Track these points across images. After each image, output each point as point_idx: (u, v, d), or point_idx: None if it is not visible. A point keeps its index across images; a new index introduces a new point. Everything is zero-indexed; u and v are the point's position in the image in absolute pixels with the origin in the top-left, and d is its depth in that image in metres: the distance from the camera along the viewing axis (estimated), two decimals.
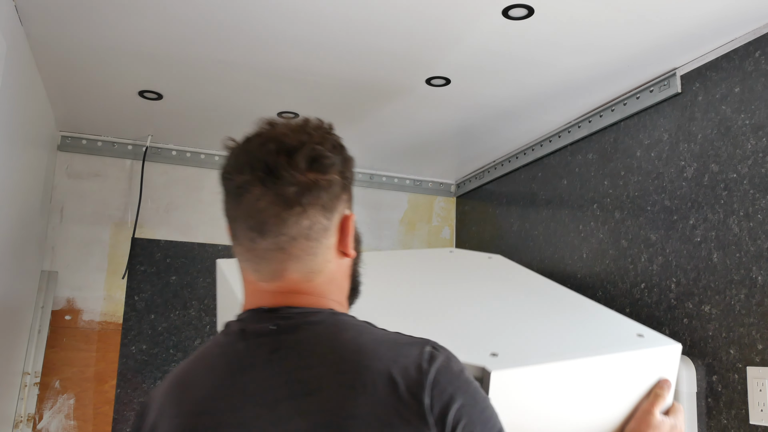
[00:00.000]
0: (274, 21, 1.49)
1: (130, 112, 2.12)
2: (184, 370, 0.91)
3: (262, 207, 0.84)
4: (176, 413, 0.86)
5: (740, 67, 1.50)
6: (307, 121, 0.92)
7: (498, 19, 1.45)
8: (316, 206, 0.86)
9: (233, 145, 0.91)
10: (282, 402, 0.80)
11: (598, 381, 1.17)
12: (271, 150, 0.85)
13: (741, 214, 1.45)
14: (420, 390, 0.78)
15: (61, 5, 1.46)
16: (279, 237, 0.85)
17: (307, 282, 0.88)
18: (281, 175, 0.84)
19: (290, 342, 0.84)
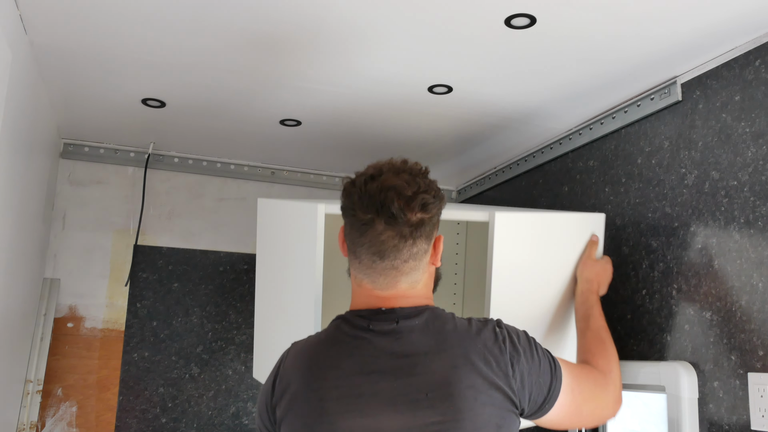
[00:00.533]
0: (275, 29, 1.50)
1: (133, 120, 2.13)
2: (316, 353, 1.20)
3: (384, 239, 1.16)
4: (312, 392, 1.15)
5: (740, 76, 1.51)
6: (411, 169, 1.21)
7: (500, 28, 1.46)
8: (422, 237, 1.18)
9: (352, 188, 1.21)
10: (403, 378, 1.13)
11: (555, 233, 1.68)
12: (391, 197, 1.15)
13: (741, 221, 1.46)
14: (500, 354, 1.16)
15: (65, 14, 1.48)
16: (395, 260, 1.17)
17: (412, 289, 1.21)
18: (400, 217, 1.15)
19: (407, 329, 1.17)
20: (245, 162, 2.54)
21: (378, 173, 1.19)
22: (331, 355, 1.18)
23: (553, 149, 2.15)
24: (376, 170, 1.20)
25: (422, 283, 1.23)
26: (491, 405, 1.13)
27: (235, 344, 2.43)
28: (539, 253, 1.64)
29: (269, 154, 2.44)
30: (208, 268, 2.45)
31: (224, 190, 2.53)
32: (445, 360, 1.14)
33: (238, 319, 2.45)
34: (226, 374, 2.40)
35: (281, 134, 2.21)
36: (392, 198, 1.15)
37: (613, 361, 1.44)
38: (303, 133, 2.18)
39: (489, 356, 1.16)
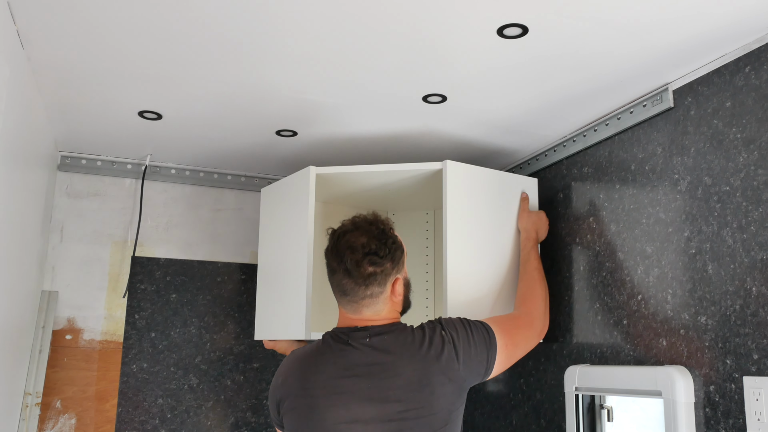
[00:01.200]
0: (271, 40, 1.52)
1: (130, 132, 2.14)
2: (309, 360, 1.54)
3: (344, 283, 1.53)
4: (303, 392, 1.50)
5: (731, 82, 1.52)
6: (372, 230, 1.55)
7: (493, 38, 1.47)
8: (373, 284, 1.53)
9: (330, 238, 1.59)
10: (375, 379, 1.46)
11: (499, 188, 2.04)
12: (348, 255, 1.52)
13: (734, 226, 1.47)
14: (449, 354, 1.51)
15: (62, 29, 1.49)
16: (354, 297, 1.54)
17: (376, 315, 1.56)
18: (354, 271, 1.52)
19: (377, 343, 1.51)
20: (242, 172, 2.55)
21: (347, 230, 1.56)
22: (320, 362, 1.52)
23: (548, 156, 2.17)
24: (348, 227, 1.57)
25: (384, 311, 1.56)
26: (444, 396, 1.48)
27: (233, 354, 2.44)
28: (486, 203, 2.00)
29: (266, 164, 2.45)
30: (206, 278, 2.46)
31: (221, 200, 2.54)
32: (407, 365, 1.48)
33: (236, 329, 2.46)
34: (225, 384, 2.41)
35: (277, 144, 2.22)
36: (349, 256, 1.52)
37: (539, 298, 1.85)
38: (298, 143, 2.20)
39: (441, 358, 1.50)
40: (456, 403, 1.51)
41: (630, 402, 1.78)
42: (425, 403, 1.46)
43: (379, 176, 2.07)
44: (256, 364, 2.46)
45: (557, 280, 2.06)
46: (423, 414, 1.45)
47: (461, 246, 1.92)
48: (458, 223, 1.93)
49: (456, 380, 1.51)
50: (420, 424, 1.45)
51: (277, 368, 1.64)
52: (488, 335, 1.61)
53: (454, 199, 1.93)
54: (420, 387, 1.46)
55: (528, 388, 2.16)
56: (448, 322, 1.60)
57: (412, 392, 1.46)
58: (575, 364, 1.88)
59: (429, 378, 1.47)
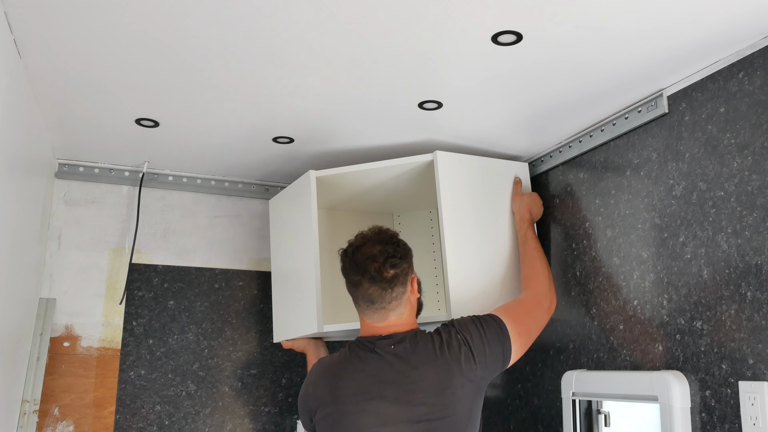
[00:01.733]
0: (267, 47, 1.53)
1: (127, 140, 2.15)
2: (338, 368, 1.65)
3: (371, 292, 1.64)
4: (335, 398, 1.60)
5: (725, 88, 1.53)
6: (383, 238, 1.68)
7: (487, 45, 1.48)
8: (397, 285, 1.65)
9: (344, 257, 1.70)
10: (402, 385, 1.57)
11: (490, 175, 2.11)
12: (370, 264, 1.63)
13: (729, 231, 1.48)
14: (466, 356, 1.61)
15: (59, 38, 1.49)
16: (382, 303, 1.64)
17: (399, 319, 1.67)
18: (378, 277, 1.63)
19: (400, 351, 1.61)
20: (239, 179, 2.55)
21: (361, 244, 1.68)
22: (349, 370, 1.63)
23: (544, 162, 2.18)
24: (359, 241, 1.69)
25: (406, 314, 1.68)
26: (465, 396, 1.58)
27: (231, 361, 2.44)
28: (479, 190, 2.07)
29: (263, 171, 2.46)
30: (204, 285, 2.46)
31: (218, 207, 2.55)
32: (429, 369, 1.58)
33: (234, 336, 2.46)
34: (222, 391, 2.41)
35: (274, 151, 2.22)
36: (371, 265, 1.63)
37: (541, 276, 1.89)
38: (295, 149, 2.20)
39: (459, 361, 1.59)
40: (476, 401, 1.61)
41: (627, 407, 1.78)
42: (448, 404, 1.56)
43: (375, 174, 2.12)
44: (254, 371, 2.46)
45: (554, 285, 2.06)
46: (447, 414, 1.56)
47: (458, 235, 1.97)
48: (453, 212, 1.98)
49: (475, 380, 1.60)
50: (445, 424, 1.55)
51: (306, 377, 1.79)
52: (500, 329, 1.68)
53: (447, 188, 2.00)
54: (442, 390, 1.56)
55: (525, 393, 2.16)
56: (461, 323, 1.68)
57: (435, 395, 1.56)
58: (572, 370, 1.89)
59: (450, 381, 1.57)
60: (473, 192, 2.05)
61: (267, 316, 2.51)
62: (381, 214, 2.53)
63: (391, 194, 2.32)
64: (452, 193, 2.00)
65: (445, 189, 1.99)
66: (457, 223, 1.98)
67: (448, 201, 1.98)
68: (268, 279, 2.53)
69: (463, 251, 1.97)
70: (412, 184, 2.23)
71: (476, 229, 2.02)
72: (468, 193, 2.04)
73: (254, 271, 2.53)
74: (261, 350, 2.47)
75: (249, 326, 2.48)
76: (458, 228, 1.98)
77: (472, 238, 2.00)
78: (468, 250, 1.98)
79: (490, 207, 2.07)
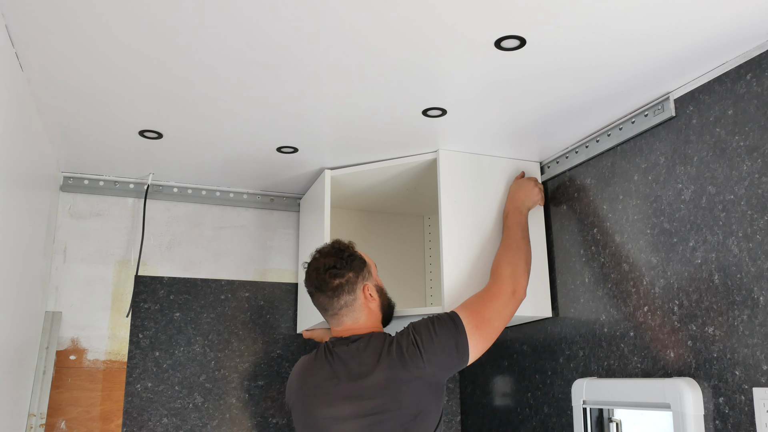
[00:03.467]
0: (271, 56, 1.52)
1: (131, 152, 2.15)
2: (306, 366, 1.83)
3: (321, 300, 1.82)
4: (300, 392, 1.78)
5: (732, 90, 1.51)
6: (331, 252, 1.84)
7: (491, 51, 1.47)
8: (342, 293, 1.79)
9: (306, 267, 1.88)
10: (354, 381, 1.70)
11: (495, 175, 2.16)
12: (316, 276, 1.81)
13: (740, 235, 1.45)
14: (413, 355, 1.69)
15: (61, 51, 1.49)
16: (333, 310, 1.81)
17: (355, 323, 1.82)
18: (324, 287, 1.80)
19: (354, 350, 1.74)
20: (244, 190, 2.55)
21: (313, 259, 1.85)
22: (313, 367, 1.80)
23: (550, 168, 2.16)
24: (312, 257, 1.86)
25: (362, 318, 1.81)
26: (411, 392, 1.66)
27: (238, 372, 2.42)
28: (480, 190, 2.10)
29: (267, 181, 2.45)
30: (210, 296, 2.45)
31: (224, 218, 2.54)
32: (380, 368, 1.68)
33: (240, 347, 2.44)
34: (230, 403, 2.39)
35: (279, 161, 2.22)
36: (315, 277, 1.81)
37: (504, 261, 1.90)
38: (300, 159, 2.19)
39: (404, 358, 1.68)
40: (425, 397, 1.68)
41: (639, 415, 1.75)
42: (392, 399, 1.66)
43: (382, 172, 2.23)
44: (261, 382, 2.44)
45: (563, 293, 2.05)
46: (391, 408, 1.66)
47: (456, 235, 2.03)
48: (453, 212, 2.05)
49: (423, 377, 1.68)
50: (390, 417, 1.65)
51: None
52: (454, 323, 1.74)
53: (448, 186, 2.06)
54: (387, 385, 1.67)
55: (535, 402, 2.13)
56: (417, 324, 1.77)
57: (381, 391, 1.67)
58: (582, 377, 1.86)
59: (395, 377, 1.67)
60: (475, 191, 2.10)
61: (274, 326, 2.49)
62: (410, 215, 2.73)
63: (392, 194, 2.44)
64: (453, 191, 2.06)
65: (446, 187, 2.05)
66: (455, 221, 2.04)
67: (448, 198, 2.04)
68: (274, 289, 2.51)
69: (460, 249, 2.03)
70: (414, 184, 2.34)
71: (475, 228, 2.06)
72: (470, 192, 2.09)
73: (260, 282, 2.52)
74: (268, 361, 2.45)
75: (256, 337, 2.47)
76: (456, 227, 2.04)
77: (471, 238, 2.05)
78: (465, 248, 2.03)
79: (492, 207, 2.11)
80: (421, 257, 2.70)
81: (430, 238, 2.72)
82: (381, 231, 2.64)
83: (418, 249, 2.71)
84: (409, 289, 2.61)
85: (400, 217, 2.70)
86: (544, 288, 2.10)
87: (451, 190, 2.06)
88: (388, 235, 2.65)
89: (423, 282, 2.67)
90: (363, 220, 2.65)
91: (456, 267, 2.00)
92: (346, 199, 2.49)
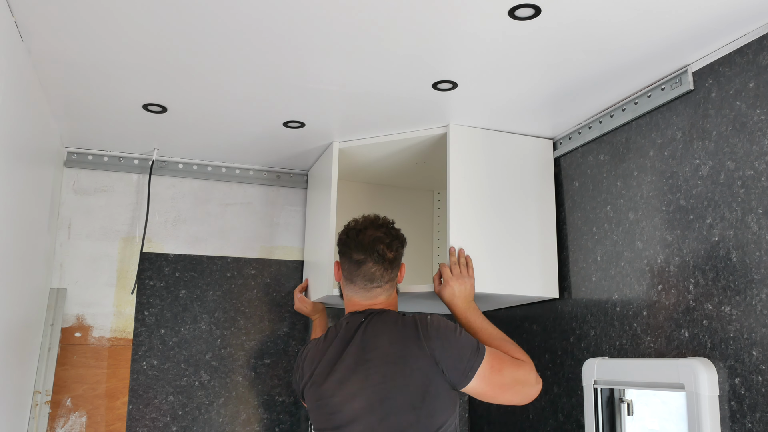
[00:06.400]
0: (277, 26, 1.48)
1: (135, 126, 2.11)
2: (320, 342, 1.77)
3: (373, 271, 1.75)
4: (313, 370, 1.73)
5: (754, 62, 1.46)
6: (384, 223, 1.81)
7: (504, 20, 1.42)
8: (395, 267, 1.79)
9: (347, 238, 1.79)
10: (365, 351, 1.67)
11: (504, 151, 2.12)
12: (377, 245, 1.74)
13: (759, 212, 1.41)
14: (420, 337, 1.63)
15: (62, 21, 1.45)
16: (380, 282, 1.76)
17: (387, 299, 1.79)
18: (383, 257, 1.75)
19: (366, 322, 1.71)
20: (250, 166, 2.51)
21: (364, 227, 1.78)
22: (325, 347, 1.75)
23: (563, 144, 2.11)
24: (362, 224, 1.79)
25: (393, 295, 1.81)
26: (419, 369, 1.60)
27: (244, 350, 2.40)
28: (491, 166, 2.07)
29: (274, 157, 2.42)
30: (216, 274, 2.43)
31: (230, 195, 2.51)
32: (389, 341, 1.65)
33: (246, 325, 2.42)
34: (236, 381, 2.38)
35: (285, 136, 2.18)
36: (377, 245, 1.74)
37: (522, 353, 1.76)
38: (307, 134, 2.15)
39: (415, 337, 1.62)
40: (433, 379, 1.60)
41: (651, 395, 1.72)
42: (400, 372, 1.61)
43: (391, 145, 2.20)
44: (268, 360, 2.42)
45: (574, 271, 2.01)
46: (399, 381, 1.60)
47: (465, 213, 2.01)
48: (462, 188, 2.02)
49: (429, 358, 1.60)
50: (398, 393, 1.60)
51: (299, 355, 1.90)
52: (477, 345, 1.64)
53: (457, 162, 2.02)
54: (397, 359, 1.62)
55: (545, 382, 2.10)
56: (441, 318, 1.69)
57: (391, 364, 1.62)
58: (593, 357, 1.83)
59: (405, 352, 1.62)
60: (486, 167, 2.06)
61: (280, 304, 2.47)
62: (419, 189, 2.71)
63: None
64: (463, 167, 2.03)
65: (456, 163, 2.02)
66: (464, 197, 2.01)
67: (457, 174, 2.01)
68: (280, 267, 2.49)
69: (468, 227, 2.00)
70: (425, 159, 2.32)
71: (484, 205, 2.03)
72: (480, 168, 2.05)
73: (266, 260, 2.49)
74: (274, 339, 2.43)
75: (262, 315, 2.44)
76: (465, 203, 2.01)
77: (479, 215, 2.02)
78: (473, 226, 2.01)
79: (503, 184, 2.07)
80: (430, 233, 2.68)
81: (439, 213, 2.68)
82: (389, 205, 2.61)
83: (427, 224, 2.68)
84: (416, 265, 2.58)
85: (409, 191, 2.68)
86: (552, 269, 2.06)
87: (460, 166, 2.02)
88: (397, 209, 2.61)
89: (431, 258, 2.64)
90: (371, 194, 2.62)
91: (463, 245, 1.97)
92: (354, 172, 2.46)
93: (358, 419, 1.61)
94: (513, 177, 2.09)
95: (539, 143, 2.14)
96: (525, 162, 2.11)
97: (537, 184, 2.11)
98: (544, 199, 2.10)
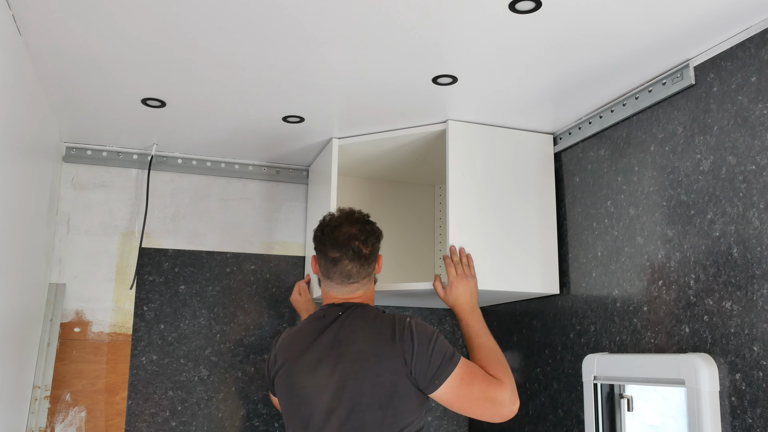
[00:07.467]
0: (276, 20, 1.47)
1: (134, 121, 2.10)
2: (295, 331, 1.78)
3: (350, 268, 1.73)
4: (285, 358, 1.73)
5: (756, 56, 1.45)
6: (359, 219, 1.78)
7: (504, 13, 1.41)
8: (371, 261, 1.77)
9: (322, 235, 1.77)
10: (339, 344, 1.66)
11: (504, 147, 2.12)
12: (352, 242, 1.72)
13: (761, 207, 1.40)
14: (396, 337, 1.63)
15: (60, 14, 1.44)
16: (357, 278, 1.75)
17: (365, 293, 1.78)
18: (358, 254, 1.73)
19: (344, 316, 1.71)
20: (249, 161, 2.50)
21: (339, 223, 1.76)
22: (300, 336, 1.75)
23: (563, 139, 2.11)
24: (336, 221, 1.77)
25: (371, 289, 1.80)
26: (389, 369, 1.60)
27: (244, 346, 2.40)
28: (490, 163, 2.06)
29: (273, 152, 2.41)
30: (215, 269, 2.42)
31: (229, 190, 2.50)
32: (365, 338, 1.65)
33: (246, 320, 2.42)
34: (235, 376, 2.37)
35: (285, 131, 2.17)
36: (352, 242, 1.72)
37: (504, 372, 1.70)
38: (306, 129, 2.15)
39: (390, 337, 1.62)
40: (402, 380, 1.60)
41: (651, 391, 1.72)
42: (372, 368, 1.61)
43: (391, 141, 2.18)
44: (267, 356, 2.42)
45: (574, 267, 2.00)
46: (369, 377, 1.61)
47: (464, 209, 2.00)
48: (461, 185, 2.01)
49: (401, 359, 1.60)
50: (367, 386, 1.60)
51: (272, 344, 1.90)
52: (451, 354, 1.63)
53: (457, 159, 2.02)
54: (369, 356, 1.62)
55: (545, 377, 2.10)
56: (420, 322, 1.68)
57: (363, 359, 1.62)
58: (593, 353, 1.83)
59: (378, 350, 1.62)
60: (486, 163, 2.05)
61: (279, 300, 2.46)
62: (420, 185, 2.70)
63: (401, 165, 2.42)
64: (462, 163, 2.02)
65: (455, 159, 2.01)
66: (464, 193, 2.01)
67: (456, 171, 2.00)
68: (280, 262, 2.48)
69: (467, 223, 1.99)
70: (425, 155, 2.30)
71: (483, 202, 2.03)
72: (479, 165, 2.04)
73: (266, 255, 2.49)
74: (274, 334, 2.43)
75: (261, 310, 2.44)
76: (465, 199, 2.01)
77: (478, 211, 2.02)
78: (472, 223, 2.00)
79: (502, 180, 2.06)
80: (431, 228, 2.67)
81: (440, 208, 2.67)
82: (390, 200, 2.61)
83: (428, 220, 2.67)
84: (417, 261, 2.58)
85: (410, 186, 2.67)
86: (552, 264, 2.06)
87: (460, 162, 2.01)
88: (398, 204, 2.61)
89: (432, 254, 2.63)
90: (371, 189, 2.61)
91: (462, 242, 1.96)
92: (354, 167, 2.46)
93: (325, 412, 1.61)
94: (513, 172, 2.08)
95: (539, 138, 2.14)
96: (525, 157, 2.10)
97: (537, 180, 2.10)
98: (544, 194, 2.10)
